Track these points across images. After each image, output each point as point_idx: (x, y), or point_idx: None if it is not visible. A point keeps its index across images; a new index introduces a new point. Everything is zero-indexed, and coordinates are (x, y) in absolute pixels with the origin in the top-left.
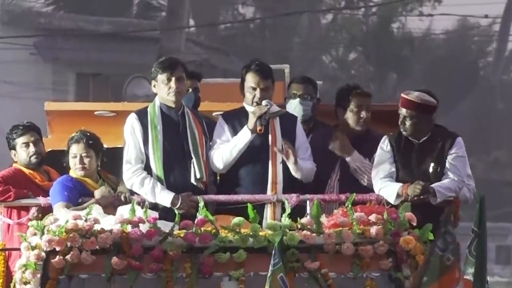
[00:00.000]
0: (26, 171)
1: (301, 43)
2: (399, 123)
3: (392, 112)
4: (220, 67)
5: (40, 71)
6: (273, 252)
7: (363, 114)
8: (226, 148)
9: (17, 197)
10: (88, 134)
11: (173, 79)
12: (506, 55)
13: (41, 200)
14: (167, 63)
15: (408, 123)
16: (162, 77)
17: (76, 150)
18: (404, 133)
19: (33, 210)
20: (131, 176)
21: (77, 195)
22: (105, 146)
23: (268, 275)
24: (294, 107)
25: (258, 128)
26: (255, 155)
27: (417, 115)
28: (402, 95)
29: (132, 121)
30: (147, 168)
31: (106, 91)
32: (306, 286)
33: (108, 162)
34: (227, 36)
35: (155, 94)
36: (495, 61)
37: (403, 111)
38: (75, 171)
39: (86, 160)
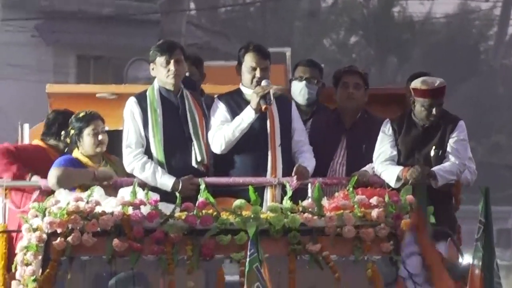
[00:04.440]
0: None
1: (301, 27)
2: (424, 116)
3: (392, 95)
4: (221, 50)
5: (41, 54)
6: (249, 243)
7: (351, 90)
8: (229, 129)
9: (19, 175)
10: (96, 111)
11: (172, 61)
12: (506, 39)
13: (41, 182)
14: (166, 46)
15: (436, 111)
16: (160, 60)
17: (94, 125)
18: (428, 122)
19: (35, 194)
20: (132, 160)
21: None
22: (106, 128)
23: (246, 268)
24: (300, 89)
25: (263, 107)
26: (253, 138)
27: (440, 100)
28: (421, 86)
29: (131, 105)
30: (148, 152)
31: (107, 74)
32: (308, 268)
33: (110, 144)
34: (228, 19)
35: (155, 77)
36: (495, 45)
37: (426, 102)
38: (95, 149)
39: (104, 137)
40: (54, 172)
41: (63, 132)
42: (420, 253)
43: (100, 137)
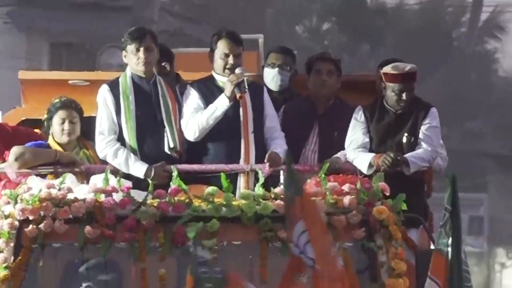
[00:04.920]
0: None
1: (274, 13)
2: (394, 101)
3: (365, 82)
4: (194, 37)
5: (13, 40)
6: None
7: (324, 77)
8: (202, 116)
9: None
10: (72, 100)
11: (142, 49)
12: (479, 26)
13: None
14: (136, 34)
15: (406, 96)
16: (131, 47)
17: (64, 115)
18: (398, 108)
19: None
20: (105, 147)
21: None
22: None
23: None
24: (272, 76)
25: (238, 95)
26: (226, 125)
27: (411, 85)
28: (391, 70)
29: (104, 92)
30: (121, 139)
31: (79, 61)
32: (279, 255)
33: (83, 131)
34: (201, 5)
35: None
36: (468, 32)
37: (397, 86)
38: (61, 137)
39: (74, 126)
40: (13, 150)
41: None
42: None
43: (66, 126)
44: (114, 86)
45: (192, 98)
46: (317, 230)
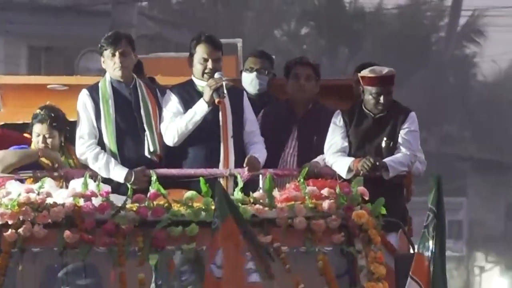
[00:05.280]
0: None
1: (253, 17)
2: (372, 104)
3: (343, 86)
4: (173, 41)
5: None
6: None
7: (302, 81)
8: (182, 121)
9: None
10: (53, 114)
11: (117, 54)
12: (458, 30)
13: None
14: (111, 38)
15: (383, 99)
16: (107, 52)
17: (39, 130)
18: (376, 111)
19: None
20: (85, 150)
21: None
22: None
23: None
24: (250, 80)
25: (217, 100)
26: (205, 130)
27: (388, 88)
28: (369, 74)
29: (83, 97)
30: (101, 143)
31: (58, 65)
32: None
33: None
34: (180, 10)
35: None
36: (447, 36)
37: (374, 89)
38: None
39: (48, 141)
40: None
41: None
42: None
43: (40, 139)
44: (93, 90)
45: (172, 103)
46: (234, 251)
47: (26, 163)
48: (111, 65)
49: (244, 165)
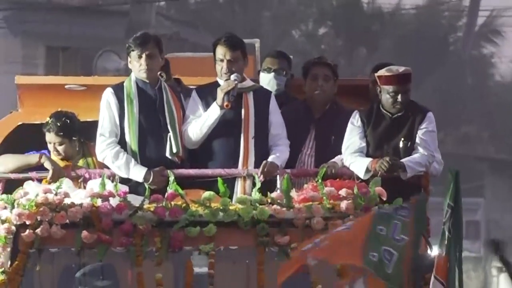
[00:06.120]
0: None
1: (271, 17)
2: (390, 103)
3: (361, 86)
4: (190, 41)
5: (9, 45)
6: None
7: (320, 82)
8: (197, 125)
9: None
10: (59, 124)
11: (144, 56)
12: (476, 30)
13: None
14: (139, 40)
15: (401, 98)
16: (134, 54)
17: (49, 138)
18: (394, 110)
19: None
20: (105, 148)
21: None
22: None
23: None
24: (268, 81)
25: (225, 103)
26: (227, 130)
27: (405, 87)
28: (386, 73)
29: (108, 95)
30: (122, 142)
31: (75, 65)
32: (276, 260)
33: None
34: (197, 10)
35: (130, 69)
36: (464, 36)
37: (391, 88)
38: (52, 156)
39: (59, 148)
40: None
41: None
42: None
43: (51, 147)
44: (118, 89)
45: (195, 104)
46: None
47: (25, 167)
48: (137, 67)
49: (259, 172)
